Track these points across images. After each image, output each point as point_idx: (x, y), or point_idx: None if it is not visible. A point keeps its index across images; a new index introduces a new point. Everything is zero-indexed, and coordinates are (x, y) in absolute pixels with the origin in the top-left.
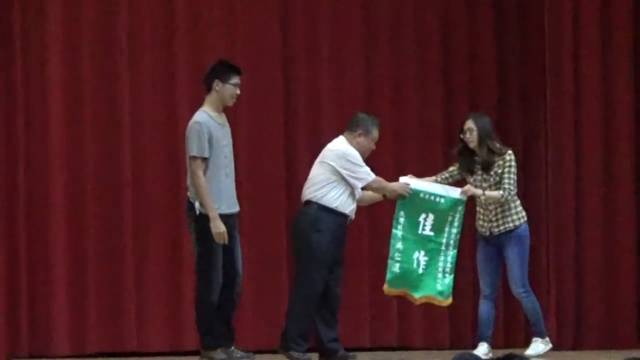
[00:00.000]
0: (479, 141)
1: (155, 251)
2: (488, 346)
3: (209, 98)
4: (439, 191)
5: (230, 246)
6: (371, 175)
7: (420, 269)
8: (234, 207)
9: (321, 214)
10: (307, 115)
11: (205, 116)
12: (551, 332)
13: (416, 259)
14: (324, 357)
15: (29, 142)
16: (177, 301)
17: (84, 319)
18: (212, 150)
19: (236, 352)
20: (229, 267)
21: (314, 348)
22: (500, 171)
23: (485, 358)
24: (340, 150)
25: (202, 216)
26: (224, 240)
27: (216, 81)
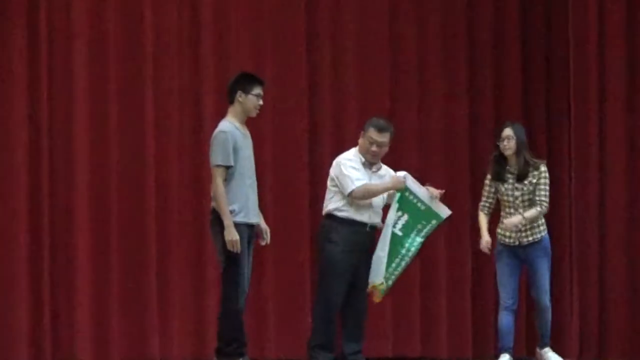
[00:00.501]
0: (516, 150)
1: (179, 260)
2: (510, 357)
3: (232, 110)
4: (425, 200)
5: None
6: (354, 184)
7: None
8: (256, 218)
9: (333, 224)
10: (331, 124)
11: (230, 126)
12: (574, 342)
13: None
14: None
15: (52, 149)
16: (200, 310)
17: (108, 328)
18: (237, 160)
19: None
20: None
21: (339, 358)
22: (534, 181)
23: None
24: (338, 157)
25: None
26: (237, 248)
27: (239, 92)
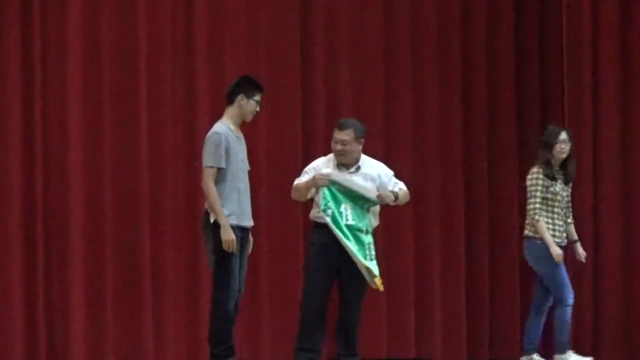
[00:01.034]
0: (570, 154)
1: (173, 264)
2: (575, 354)
3: (229, 111)
4: (355, 188)
5: (240, 260)
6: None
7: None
8: (249, 221)
9: (313, 229)
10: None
11: (224, 128)
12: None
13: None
14: None
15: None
16: (194, 313)
17: (102, 331)
18: (230, 162)
19: None
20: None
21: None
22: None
23: None
24: None
25: (219, 225)
26: (233, 248)
27: (241, 95)
